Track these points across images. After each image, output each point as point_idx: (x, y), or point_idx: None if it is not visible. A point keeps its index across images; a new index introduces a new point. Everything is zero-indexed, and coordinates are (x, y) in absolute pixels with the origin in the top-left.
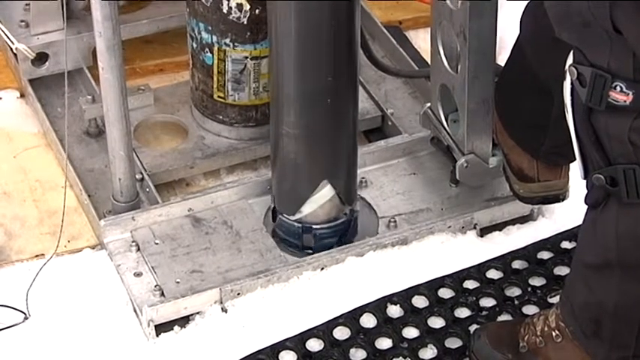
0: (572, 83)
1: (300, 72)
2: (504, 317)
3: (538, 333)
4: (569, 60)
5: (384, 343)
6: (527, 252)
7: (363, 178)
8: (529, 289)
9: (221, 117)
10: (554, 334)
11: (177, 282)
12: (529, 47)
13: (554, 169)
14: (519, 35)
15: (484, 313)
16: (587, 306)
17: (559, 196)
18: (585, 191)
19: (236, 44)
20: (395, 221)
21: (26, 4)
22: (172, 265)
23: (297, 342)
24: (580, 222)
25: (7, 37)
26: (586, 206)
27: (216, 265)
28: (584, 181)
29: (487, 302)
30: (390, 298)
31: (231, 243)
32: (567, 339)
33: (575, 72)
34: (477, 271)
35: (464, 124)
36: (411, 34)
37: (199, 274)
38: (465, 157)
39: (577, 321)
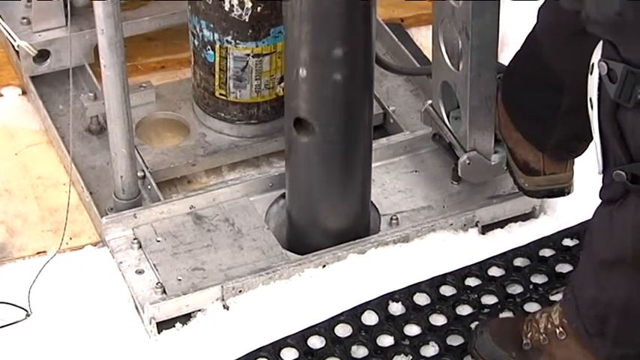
0: (599, 78)
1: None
2: (506, 315)
3: (541, 330)
4: (596, 55)
5: (385, 341)
6: (529, 249)
7: None
8: (531, 286)
9: (223, 114)
10: (557, 331)
11: (179, 279)
12: (546, 40)
13: (560, 162)
14: (535, 26)
15: (486, 310)
16: (595, 303)
17: (564, 190)
18: (585, 187)
19: (238, 42)
20: (397, 219)
21: (28, 2)
22: (174, 262)
23: (298, 339)
24: (581, 219)
25: (9, 34)
26: (599, 200)
27: (218, 263)
28: (601, 176)
29: (489, 300)
30: (392, 296)
31: (233, 240)
32: (571, 336)
33: (606, 67)
34: (479, 268)
35: (466, 122)
36: (413, 32)
37: (201, 271)
38: (467, 155)
39: (581, 318)
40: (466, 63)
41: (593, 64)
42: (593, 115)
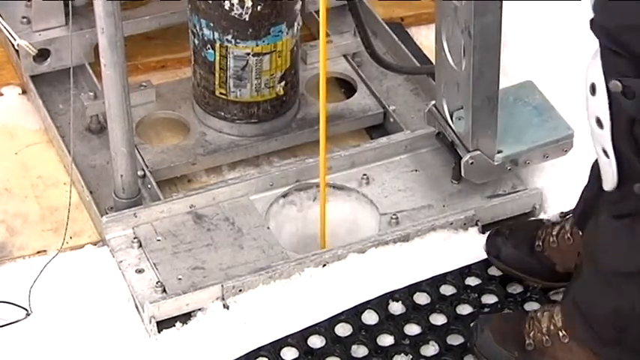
0: (609, 97)
1: None
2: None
3: (544, 331)
4: (595, 75)
5: (385, 340)
6: None
7: (364, 174)
8: (531, 285)
9: (223, 113)
10: (560, 334)
11: (179, 278)
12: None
13: None
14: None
15: (486, 309)
16: (611, 313)
17: None
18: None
19: (238, 41)
20: (397, 218)
21: (28, 1)
22: (174, 261)
23: (298, 338)
24: None
25: (9, 34)
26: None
27: (218, 262)
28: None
29: (489, 299)
30: (392, 295)
31: (233, 239)
32: (574, 339)
33: (620, 85)
34: (479, 267)
35: (469, 122)
36: (413, 31)
37: (201, 270)
38: (470, 154)
39: (591, 329)
40: (469, 62)
41: (593, 84)
42: (604, 134)
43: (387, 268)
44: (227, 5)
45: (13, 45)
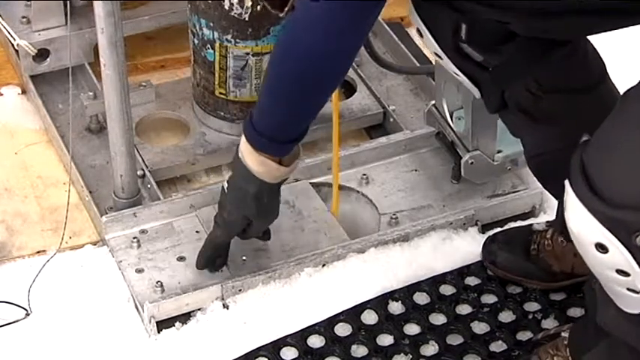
0: (630, 248)
1: None
2: (506, 314)
3: None
4: (594, 234)
5: (385, 340)
6: None
7: (364, 174)
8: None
9: (222, 113)
10: None
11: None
12: None
13: None
14: None
15: (485, 309)
16: None
17: None
18: None
19: (237, 40)
20: (396, 218)
21: (28, 1)
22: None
23: (298, 338)
24: None
25: (9, 33)
26: None
27: None
28: None
29: (488, 299)
30: (392, 295)
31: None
32: None
33: None
34: (479, 267)
35: (469, 121)
36: (413, 31)
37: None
38: (470, 154)
39: None
40: None
41: (601, 244)
42: (632, 279)
43: (387, 268)
44: (227, 5)
45: (12, 45)
